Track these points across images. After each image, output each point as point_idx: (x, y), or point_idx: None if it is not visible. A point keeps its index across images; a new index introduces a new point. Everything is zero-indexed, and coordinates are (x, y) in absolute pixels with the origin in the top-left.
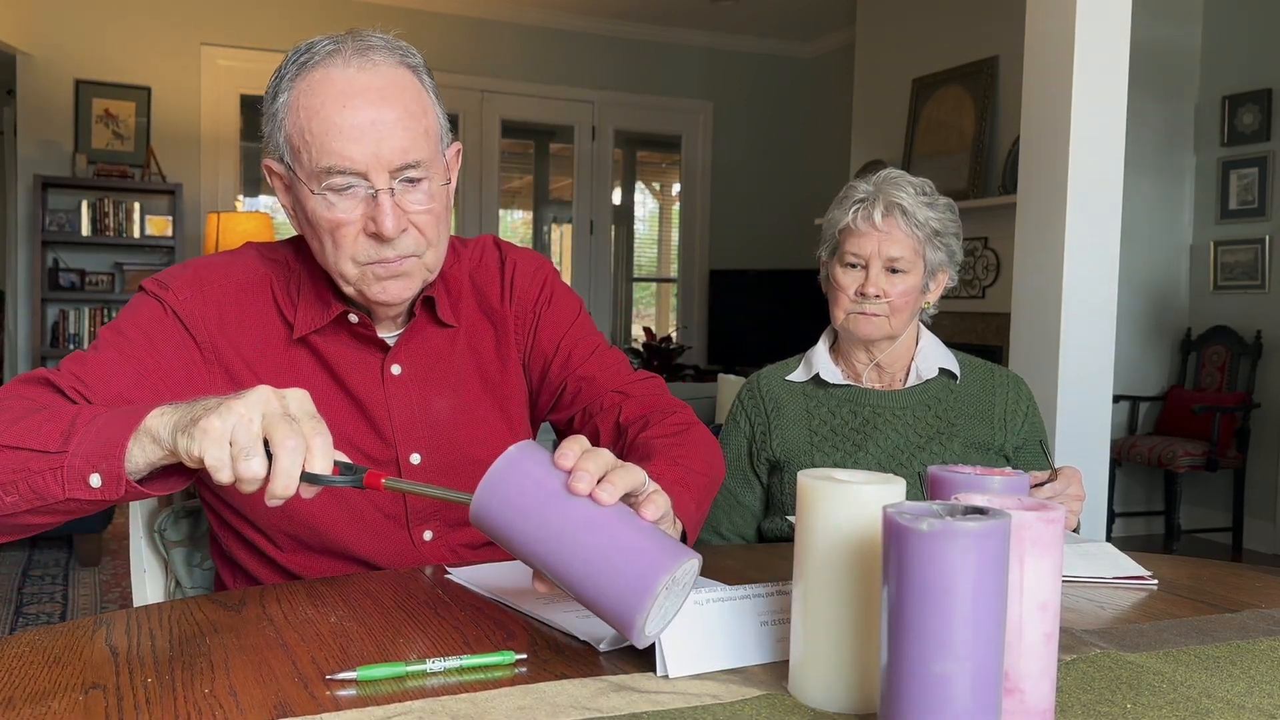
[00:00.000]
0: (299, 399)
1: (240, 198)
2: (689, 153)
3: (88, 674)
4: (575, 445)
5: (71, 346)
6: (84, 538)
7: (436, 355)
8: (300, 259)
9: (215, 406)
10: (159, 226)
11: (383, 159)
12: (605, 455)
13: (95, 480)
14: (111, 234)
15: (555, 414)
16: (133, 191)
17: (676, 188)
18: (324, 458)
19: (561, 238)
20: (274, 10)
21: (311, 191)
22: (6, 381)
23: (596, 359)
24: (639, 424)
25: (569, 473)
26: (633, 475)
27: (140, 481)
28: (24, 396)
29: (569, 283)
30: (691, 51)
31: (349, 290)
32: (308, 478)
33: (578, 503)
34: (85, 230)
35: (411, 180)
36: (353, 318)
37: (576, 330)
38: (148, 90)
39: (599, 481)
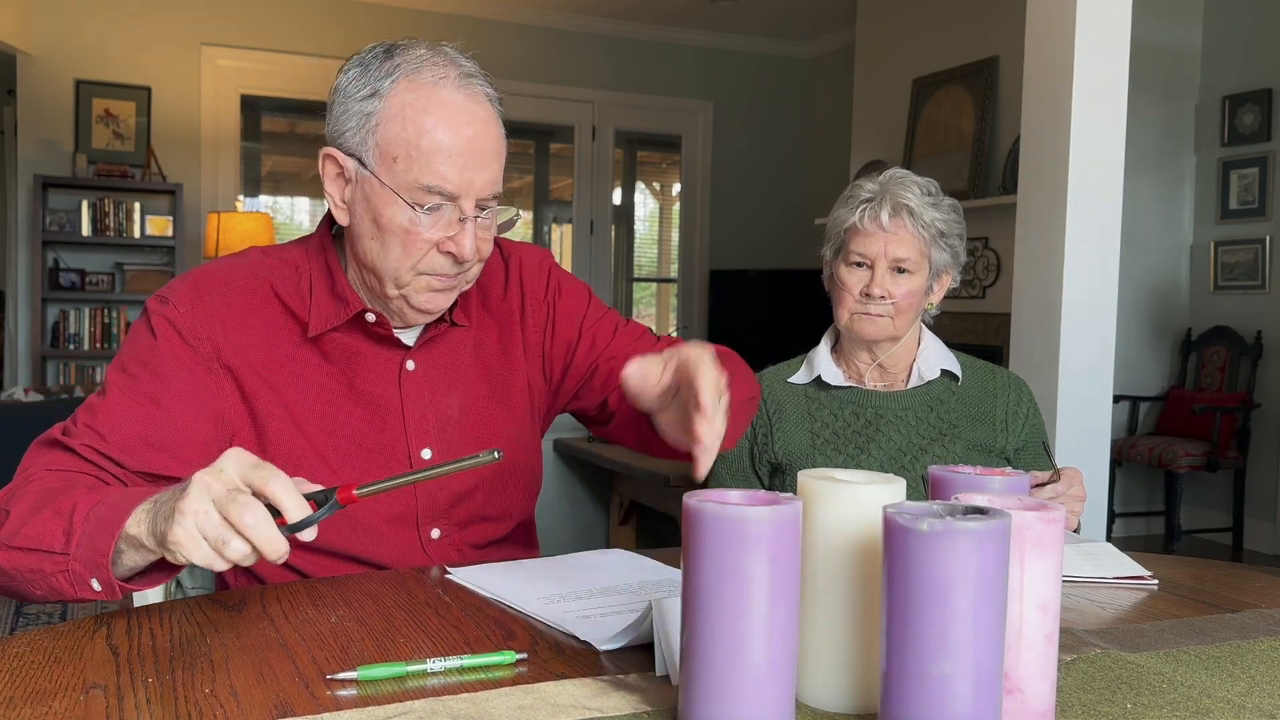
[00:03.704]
0: (233, 460)
1: (240, 198)
2: (689, 153)
3: (88, 673)
4: None
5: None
6: None
7: (448, 353)
8: (310, 259)
9: (169, 515)
10: (159, 226)
11: (475, 187)
12: None
13: (95, 585)
14: (112, 234)
15: (580, 400)
16: (133, 191)
17: (676, 188)
18: (292, 499)
19: (562, 238)
20: (274, 10)
21: (401, 200)
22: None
23: (620, 337)
24: None
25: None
26: None
27: (143, 573)
28: (38, 474)
29: None
30: (691, 51)
31: (391, 291)
32: (292, 529)
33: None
34: (85, 230)
35: (488, 210)
36: (370, 316)
37: (593, 313)
38: (148, 90)
39: None
